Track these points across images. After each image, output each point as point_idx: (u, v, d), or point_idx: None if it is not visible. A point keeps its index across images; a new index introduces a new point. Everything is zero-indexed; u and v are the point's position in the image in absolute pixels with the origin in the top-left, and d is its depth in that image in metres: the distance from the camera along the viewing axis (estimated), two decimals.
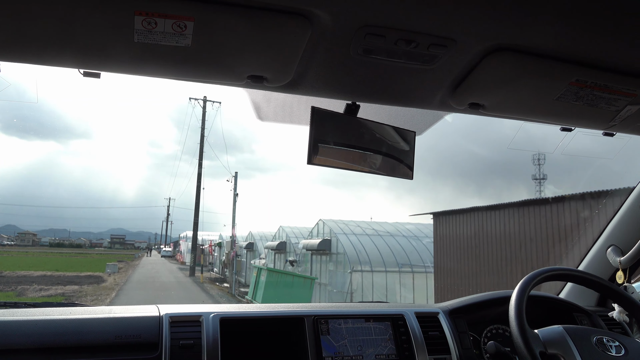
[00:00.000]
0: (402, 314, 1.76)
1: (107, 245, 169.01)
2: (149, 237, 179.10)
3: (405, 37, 1.06)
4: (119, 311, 1.56)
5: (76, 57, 1.10)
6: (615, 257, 1.94)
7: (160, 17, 0.95)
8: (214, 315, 1.57)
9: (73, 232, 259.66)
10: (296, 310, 1.72)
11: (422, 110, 1.52)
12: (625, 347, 1.38)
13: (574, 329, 1.43)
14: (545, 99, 1.29)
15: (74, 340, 1.41)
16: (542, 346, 1.37)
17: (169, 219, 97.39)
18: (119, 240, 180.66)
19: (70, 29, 0.98)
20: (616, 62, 1.16)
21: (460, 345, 1.74)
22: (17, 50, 1.07)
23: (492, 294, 1.95)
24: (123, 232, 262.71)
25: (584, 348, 1.35)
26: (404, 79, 1.26)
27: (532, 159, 68.94)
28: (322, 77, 1.26)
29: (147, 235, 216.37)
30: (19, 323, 1.42)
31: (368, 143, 1.47)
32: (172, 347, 1.46)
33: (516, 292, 1.46)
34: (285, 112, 1.51)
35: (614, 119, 1.38)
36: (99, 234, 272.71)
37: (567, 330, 1.41)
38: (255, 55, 1.11)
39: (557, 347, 1.37)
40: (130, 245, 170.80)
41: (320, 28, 1.03)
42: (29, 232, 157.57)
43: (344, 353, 1.62)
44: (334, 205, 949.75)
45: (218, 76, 1.23)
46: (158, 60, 1.11)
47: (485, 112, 1.40)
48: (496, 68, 1.16)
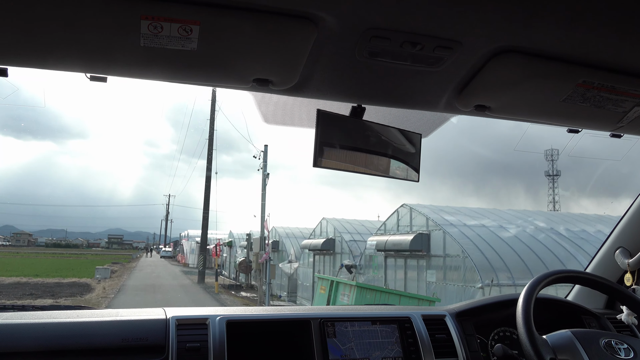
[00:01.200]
0: (408, 317, 1.77)
1: (104, 245, 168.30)
2: (147, 237, 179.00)
3: (410, 40, 1.06)
4: (125, 314, 1.57)
5: (83, 61, 1.12)
6: (624, 259, 1.94)
7: (166, 21, 0.96)
8: (220, 318, 1.58)
9: (71, 233, 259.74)
10: (303, 313, 1.73)
11: (428, 112, 1.53)
12: (634, 349, 1.39)
13: (582, 332, 1.44)
14: (552, 101, 1.29)
15: (81, 343, 1.43)
16: (552, 352, 1.37)
17: (169, 217, 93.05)
18: (116, 241, 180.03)
19: (76, 34, 1.00)
20: (623, 64, 1.17)
21: (467, 348, 1.75)
22: (25, 55, 1.08)
23: (500, 296, 1.96)
24: (121, 232, 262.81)
25: (592, 352, 1.36)
26: (409, 81, 1.27)
27: (545, 155, 66.62)
28: (327, 80, 1.27)
29: (145, 235, 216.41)
30: (27, 326, 1.43)
31: (374, 145, 1.47)
32: (178, 350, 1.47)
33: (523, 294, 1.47)
34: (291, 115, 1.52)
35: (622, 121, 1.38)
36: (98, 234, 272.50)
37: (575, 334, 1.41)
38: (261, 59, 1.12)
39: (567, 352, 1.37)
40: (128, 245, 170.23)
41: (326, 31, 1.03)
42: (24, 232, 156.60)
43: (350, 356, 1.63)
44: (334, 205, 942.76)
45: (224, 80, 1.24)
46: (164, 64, 1.12)
47: (492, 114, 1.41)
48: (502, 70, 1.17)
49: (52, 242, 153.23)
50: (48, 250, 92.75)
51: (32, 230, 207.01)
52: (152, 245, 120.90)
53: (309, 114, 1.44)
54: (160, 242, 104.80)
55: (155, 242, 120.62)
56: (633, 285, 1.87)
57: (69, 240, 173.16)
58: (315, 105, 1.40)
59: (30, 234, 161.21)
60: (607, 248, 2.11)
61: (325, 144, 1.39)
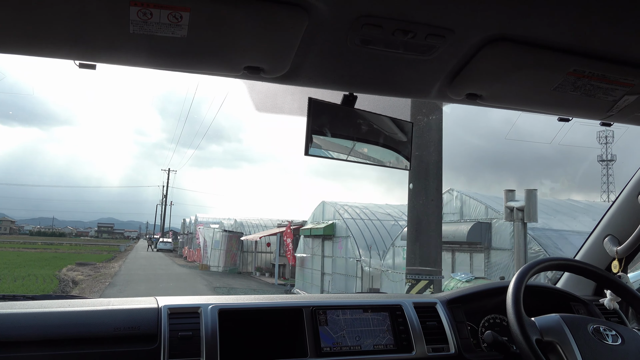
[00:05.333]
0: (400, 305, 1.83)
1: (93, 234, 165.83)
2: (140, 225, 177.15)
3: (402, 28, 1.09)
4: (117, 303, 1.61)
5: (71, 48, 1.13)
6: (612, 247, 2.00)
7: (155, 7, 0.97)
8: (212, 307, 1.62)
9: (62, 221, 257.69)
10: (294, 302, 1.78)
11: (420, 100, 1.56)
12: (622, 336, 1.44)
13: (571, 317, 1.49)
14: (543, 89, 1.33)
15: (73, 332, 1.46)
16: (538, 334, 1.42)
17: (168, 199, 73.43)
18: (106, 229, 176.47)
19: (65, 21, 1.01)
20: (614, 52, 1.19)
21: (458, 335, 1.81)
22: (13, 42, 1.10)
23: (490, 283, 2.02)
24: (113, 221, 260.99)
25: (580, 336, 1.41)
26: (401, 69, 1.30)
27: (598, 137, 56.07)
28: (319, 68, 1.30)
29: (137, 224, 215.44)
30: (18, 316, 1.47)
31: (365, 134, 1.51)
32: (171, 338, 1.51)
33: (513, 281, 1.52)
34: (282, 103, 1.55)
35: (612, 109, 1.42)
36: (90, 223, 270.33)
37: (564, 318, 1.46)
38: (252, 46, 1.14)
39: (554, 334, 1.42)
40: (119, 234, 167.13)
41: (317, 18, 1.06)
42: (6, 218, 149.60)
43: (342, 344, 1.69)
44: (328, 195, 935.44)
45: (214, 67, 1.26)
46: (154, 51, 1.14)
47: (483, 103, 1.44)
48: (494, 58, 1.20)
49: (36, 230, 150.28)
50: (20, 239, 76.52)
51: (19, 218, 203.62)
52: (145, 234, 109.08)
53: (301, 102, 1.47)
54: (154, 231, 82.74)
55: (148, 232, 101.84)
56: (619, 272, 1.93)
57: (55, 228, 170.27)
58: (306, 94, 1.43)
59: (12, 220, 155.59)
60: (596, 236, 2.16)
61: (316, 133, 1.42)
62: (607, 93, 1.34)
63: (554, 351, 1.40)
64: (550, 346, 1.42)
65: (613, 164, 60.29)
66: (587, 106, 1.41)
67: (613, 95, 1.34)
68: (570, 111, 1.51)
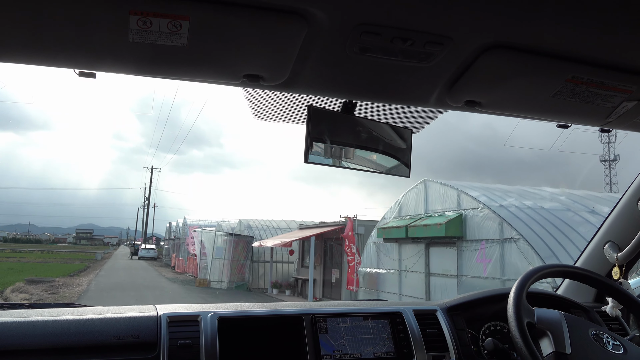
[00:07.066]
0: (400, 312, 1.84)
1: (71, 240, 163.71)
2: (120, 231, 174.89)
3: (401, 35, 1.10)
4: (116, 311, 1.61)
5: (71, 57, 1.14)
6: (613, 253, 2.02)
7: (155, 16, 0.98)
8: (212, 315, 1.62)
9: (40, 227, 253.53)
10: (294, 309, 1.78)
11: (419, 108, 1.58)
12: (625, 347, 1.44)
13: (574, 317, 1.51)
14: (542, 96, 1.35)
15: (72, 341, 1.46)
16: (534, 319, 1.45)
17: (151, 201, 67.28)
18: (85, 235, 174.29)
19: (65, 29, 1.02)
20: (612, 59, 1.22)
21: (458, 342, 1.82)
22: (13, 51, 1.11)
23: (490, 290, 2.04)
24: (92, 227, 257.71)
25: (576, 335, 1.42)
26: (400, 77, 1.31)
27: (600, 137, 52.21)
28: (318, 76, 1.31)
29: (118, 230, 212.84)
30: (17, 324, 1.46)
31: (365, 141, 1.53)
32: (170, 347, 1.51)
33: (514, 288, 1.53)
34: (282, 111, 1.56)
35: (610, 116, 1.45)
36: (69, 229, 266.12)
37: (565, 316, 1.48)
38: (251, 55, 1.15)
39: (548, 325, 1.45)
40: (99, 240, 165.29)
41: (316, 26, 1.07)
42: None
43: (342, 352, 1.69)
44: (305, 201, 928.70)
45: (214, 75, 1.27)
46: (153, 59, 1.15)
47: (482, 110, 1.46)
48: (492, 65, 1.22)
49: (11, 237, 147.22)
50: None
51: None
52: (126, 240, 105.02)
53: (300, 110, 1.48)
54: (136, 237, 74.98)
55: (129, 238, 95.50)
56: (620, 279, 1.96)
57: (32, 234, 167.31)
58: (306, 101, 1.44)
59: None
60: (597, 242, 2.18)
61: (316, 140, 1.43)
62: (605, 99, 1.36)
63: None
64: (541, 334, 1.43)
65: (616, 163, 58.50)
66: (585, 113, 1.44)
67: (612, 101, 1.37)
68: (569, 118, 1.54)
